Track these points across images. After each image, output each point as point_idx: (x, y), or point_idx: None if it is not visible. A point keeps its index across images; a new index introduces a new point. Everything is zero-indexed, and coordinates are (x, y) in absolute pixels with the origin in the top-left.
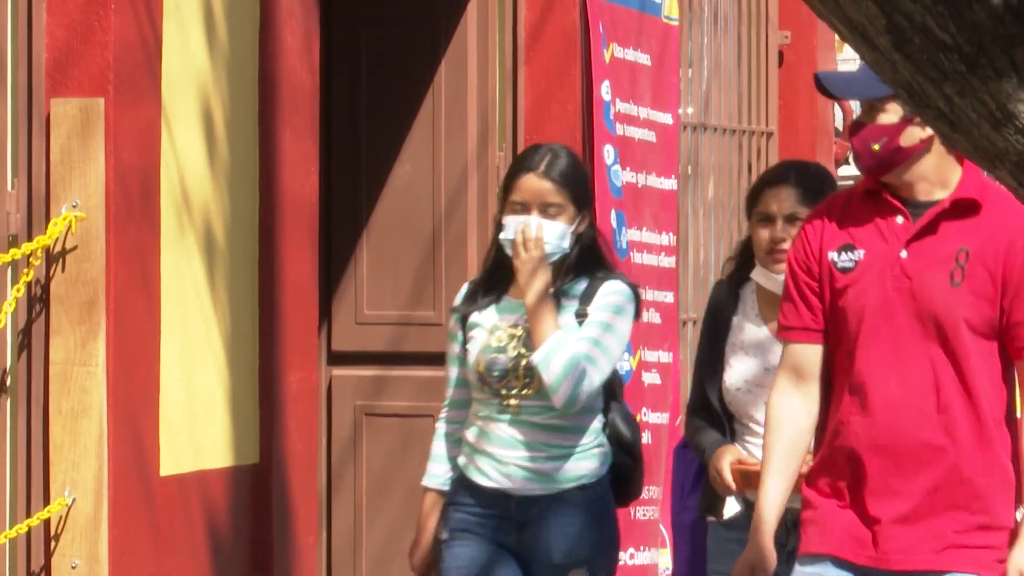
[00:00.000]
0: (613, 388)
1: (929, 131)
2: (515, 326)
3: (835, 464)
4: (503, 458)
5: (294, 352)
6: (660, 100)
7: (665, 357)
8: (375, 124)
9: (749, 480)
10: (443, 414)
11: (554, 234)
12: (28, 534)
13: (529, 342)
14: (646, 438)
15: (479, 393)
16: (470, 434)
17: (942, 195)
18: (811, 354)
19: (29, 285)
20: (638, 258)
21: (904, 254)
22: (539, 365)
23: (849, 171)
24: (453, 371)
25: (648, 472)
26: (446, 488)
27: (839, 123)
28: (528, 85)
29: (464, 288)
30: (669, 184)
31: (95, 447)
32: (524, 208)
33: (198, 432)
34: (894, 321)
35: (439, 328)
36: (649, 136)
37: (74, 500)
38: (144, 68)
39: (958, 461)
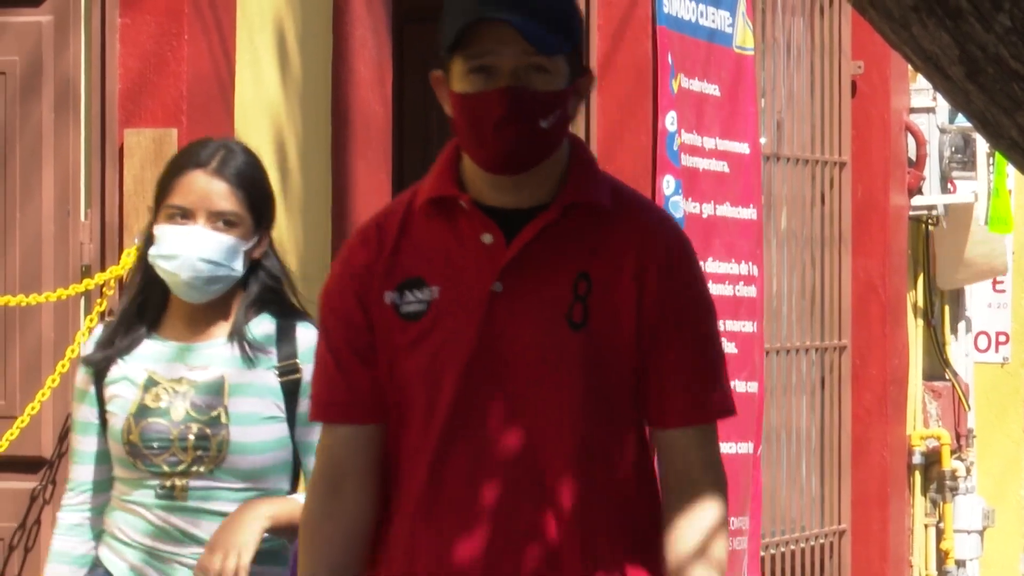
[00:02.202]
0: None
1: (579, 100)
2: (179, 380)
3: None
4: (163, 556)
5: None
6: (733, 130)
7: (741, 387)
8: None
9: None
10: (69, 500)
11: (223, 252)
12: None
13: (200, 400)
14: None
15: (128, 471)
16: (116, 527)
17: (543, 199)
18: (353, 439)
19: (102, 315)
20: (713, 288)
21: (498, 287)
22: None
23: (921, 200)
24: (85, 442)
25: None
26: None
27: (912, 153)
28: (600, 115)
29: (98, 330)
30: (748, 214)
31: None
32: (187, 215)
33: None
34: (486, 387)
35: None
36: (718, 166)
37: None
38: (217, 99)
39: None
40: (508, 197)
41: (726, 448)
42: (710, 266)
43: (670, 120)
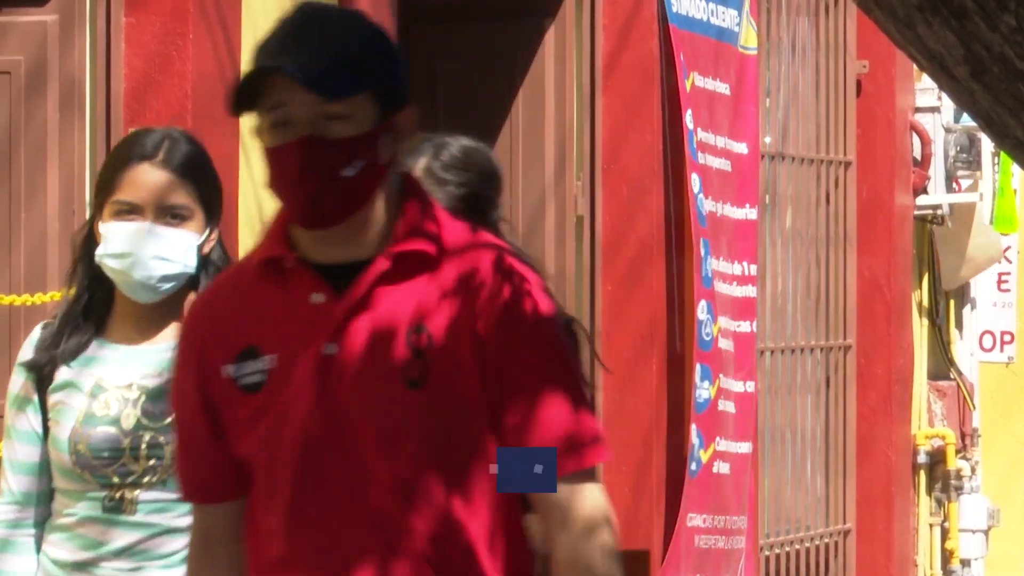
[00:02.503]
0: None
1: (398, 140)
2: (128, 385)
3: None
4: (105, 571)
5: None
6: (736, 129)
7: (738, 386)
8: None
9: None
10: (2, 515)
11: (176, 248)
12: None
13: (152, 406)
14: (725, 469)
15: (72, 483)
16: (55, 545)
17: (374, 250)
18: (215, 513)
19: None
20: (719, 287)
21: (332, 349)
22: None
23: (926, 200)
24: (25, 451)
25: (726, 502)
26: None
27: (917, 152)
28: (605, 115)
29: (36, 333)
30: (743, 213)
31: None
32: (135, 211)
33: None
34: (327, 456)
35: None
36: (724, 165)
37: None
38: (222, 98)
39: None
40: (338, 252)
41: (725, 448)
42: (717, 265)
43: (689, 118)
